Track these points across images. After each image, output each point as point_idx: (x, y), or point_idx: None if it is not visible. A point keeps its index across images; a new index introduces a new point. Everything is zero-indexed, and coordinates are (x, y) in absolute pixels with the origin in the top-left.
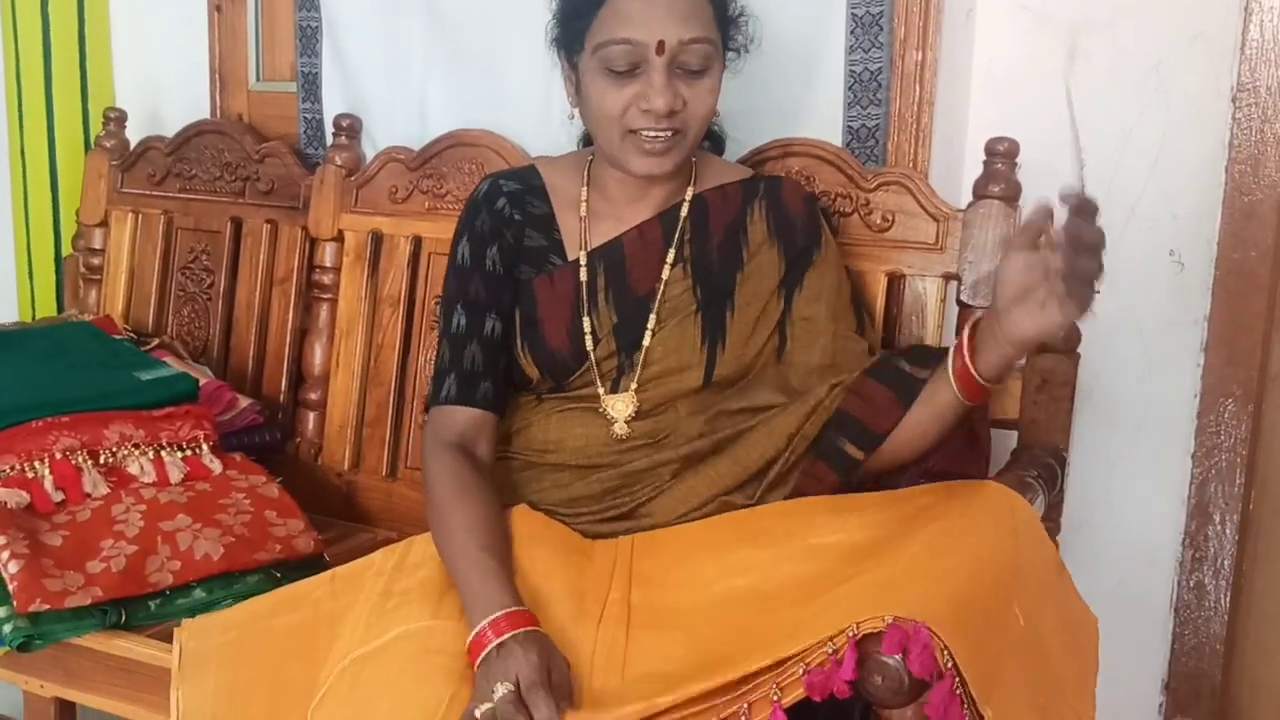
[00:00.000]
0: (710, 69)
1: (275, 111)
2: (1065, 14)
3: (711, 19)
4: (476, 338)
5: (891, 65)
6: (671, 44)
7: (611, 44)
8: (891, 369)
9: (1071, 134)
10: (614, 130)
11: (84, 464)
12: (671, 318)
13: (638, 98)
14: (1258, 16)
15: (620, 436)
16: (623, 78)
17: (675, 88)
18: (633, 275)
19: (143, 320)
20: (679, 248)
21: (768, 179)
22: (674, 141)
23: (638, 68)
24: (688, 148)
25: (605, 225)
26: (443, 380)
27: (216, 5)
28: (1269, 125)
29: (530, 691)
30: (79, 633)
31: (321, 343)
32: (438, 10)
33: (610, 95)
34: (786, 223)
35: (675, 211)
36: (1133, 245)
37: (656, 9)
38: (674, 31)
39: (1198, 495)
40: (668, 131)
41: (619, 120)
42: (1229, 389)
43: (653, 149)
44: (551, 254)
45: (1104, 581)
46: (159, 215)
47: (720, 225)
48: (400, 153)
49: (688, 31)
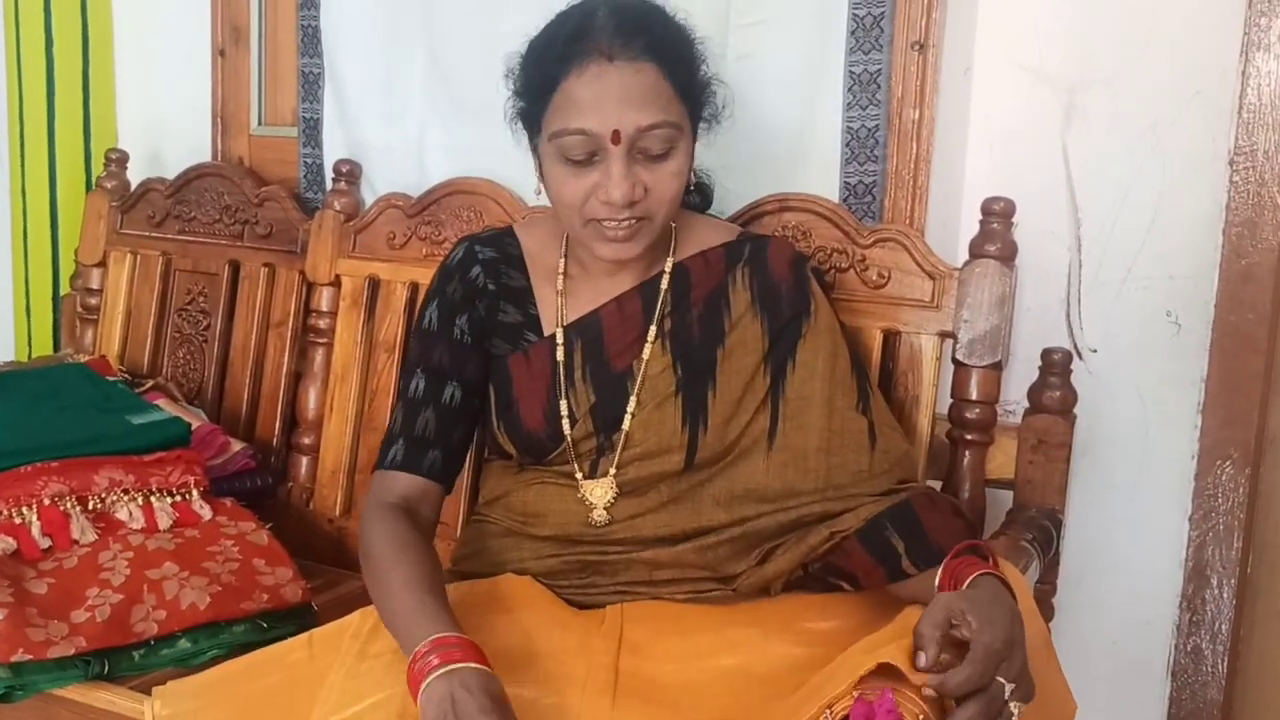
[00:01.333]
0: (674, 150)
1: (276, 156)
2: (1063, 73)
3: (673, 98)
4: (433, 404)
5: (889, 122)
6: (628, 132)
7: (565, 134)
8: (881, 542)
9: (1068, 193)
10: (575, 218)
11: (72, 510)
12: (651, 399)
13: (596, 188)
14: (1255, 80)
15: (597, 523)
16: (580, 166)
17: (635, 175)
18: (611, 351)
19: (138, 361)
20: (659, 322)
21: (754, 240)
22: (638, 227)
23: (595, 155)
24: (655, 229)
25: (583, 296)
26: (391, 445)
27: (220, 49)
28: (1265, 189)
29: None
30: (62, 683)
31: (316, 387)
32: (439, 59)
33: (569, 185)
34: (771, 291)
35: (656, 282)
36: (1129, 305)
37: (610, 97)
38: (630, 119)
39: (1195, 558)
40: (630, 220)
41: (579, 209)
42: (1226, 451)
43: (615, 237)
44: (527, 330)
45: (1100, 643)
46: (157, 256)
47: (701, 295)
48: (399, 199)
49: (645, 118)
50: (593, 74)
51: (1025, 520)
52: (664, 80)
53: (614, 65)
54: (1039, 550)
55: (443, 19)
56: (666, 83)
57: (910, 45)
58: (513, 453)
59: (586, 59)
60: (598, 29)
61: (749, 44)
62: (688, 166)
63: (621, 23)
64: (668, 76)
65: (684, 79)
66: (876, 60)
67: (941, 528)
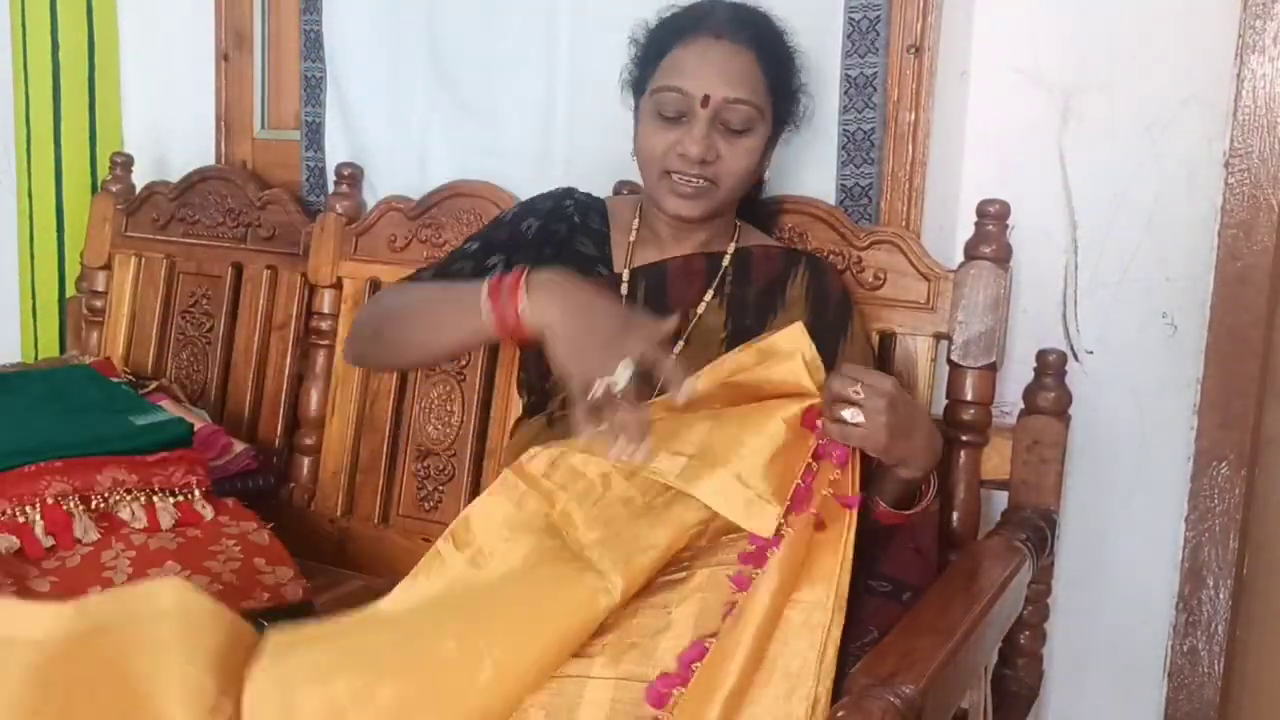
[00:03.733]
0: (752, 130)
1: (279, 159)
2: (1058, 76)
3: (761, 86)
4: (475, 262)
5: (885, 125)
6: (715, 99)
7: (664, 90)
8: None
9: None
10: (654, 169)
11: (75, 509)
12: (699, 340)
13: (677, 143)
14: (1250, 84)
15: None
16: (669, 123)
17: (712, 140)
18: (672, 295)
19: (142, 363)
20: (720, 286)
21: (810, 256)
22: (704, 189)
23: (684, 116)
24: (720, 199)
25: (650, 252)
26: (420, 272)
27: (224, 54)
28: (1261, 191)
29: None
30: None
31: (318, 388)
32: (440, 62)
33: (655, 136)
34: (823, 300)
35: (719, 258)
36: (1125, 307)
37: (709, 66)
38: (720, 89)
39: (1191, 559)
40: (698, 179)
41: (659, 160)
42: (1222, 453)
43: (683, 192)
44: (599, 264)
45: (1097, 644)
46: (161, 259)
47: (762, 276)
48: (400, 202)
49: (733, 91)
50: (700, 46)
51: (1020, 521)
52: (758, 68)
53: (719, 43)
54: (1033, 551)
55: (444, 23)
56: (760, 72)
57: (906, 48)
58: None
59: (698, 34)
60: (715, 15)
61: None
62: (760, 151)
63: (736, 14)
64: (762, 67)
65: (777, 75)
66: (873, 63)
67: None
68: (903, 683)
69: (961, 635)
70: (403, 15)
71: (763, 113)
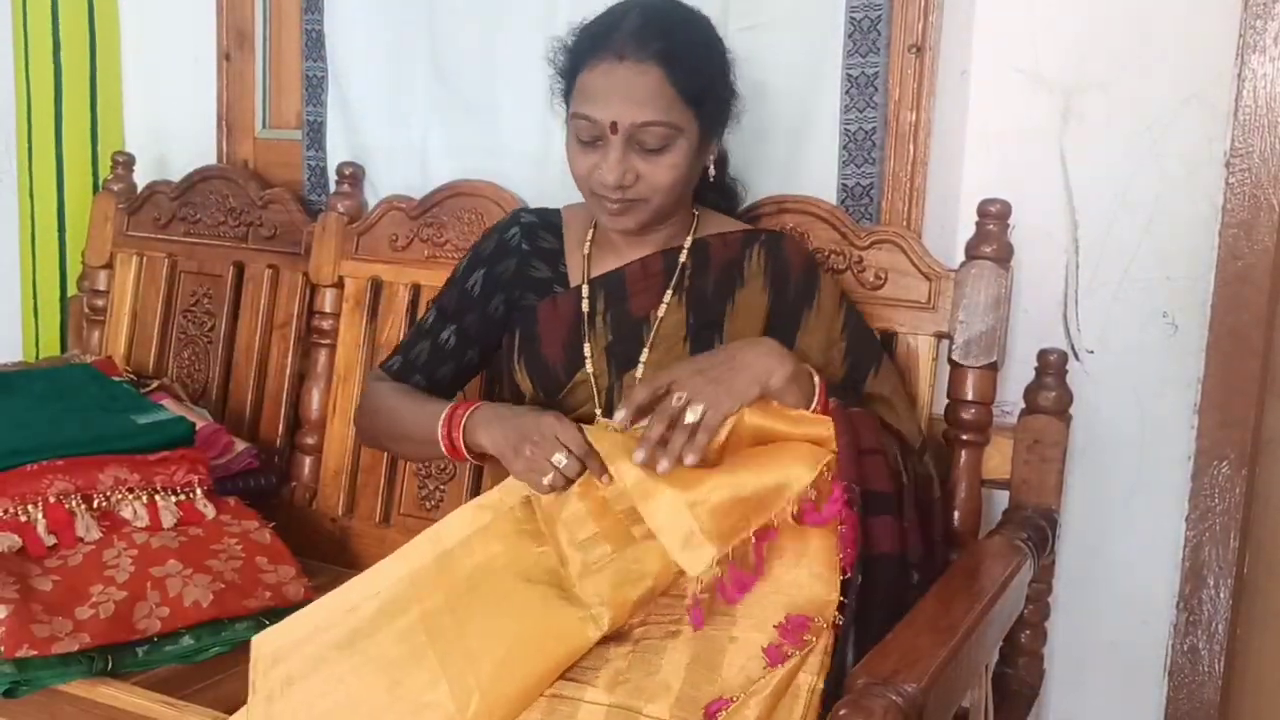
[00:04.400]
0: (670, 146)
1: (280, 158)
2: (1060, 76)
3: (675, 102)
4: (431, 340)
5: (886, 125)
6: (624, 125)
7: (577, 117)
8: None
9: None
10: (584, 189)
11: (77, 508)
12: (664, 344)
13: (595, 167)
14: (1250, 83)
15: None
16: (587, 146)
17: (629, 163)
18: (632, 301)
19: (144, 362)
20: (679, 284)
21: (770, 232)
22: (632, 206)
23: (599, 140)
24: (654, 208)
25: (608, 259)
26: (393, 355)
27: (225, 54)
28: (1261, 191)
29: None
30: (65, 679)
31: (319, 388)
32: (441, 63)
33: (578, 160)
34: (781, 275)
35: (676, 254)
36: (1126, 306)
37: (615, 92)
38: (628, 114)
39: (1192, 558)
40: (622, 201)
41: (585, 181)
42: (1223, 452)
43: (612, 210)
44: (556, 284)
45: (1097, 643)
46: (163, 258)
47: (719, 264)
48: (401, 202)
49: (641, 115)
50: (604, 70)
51: (1021, 520)
52: (668, 85)
53: (623, 64)
54: (1034, 550)
55: (445, 23)
56: (671, 88)
57: (907, 48)
58: (529, 391)
59: (603, 56)
60: (621, 30)
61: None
62: (687, 161)
63: (642, 26)
64: (672, 82)
65: (692, 85)
66: (874, 63)
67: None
68: (904, 681)
69: (963, 634)
70: (404, 15)
71: (680, 128)
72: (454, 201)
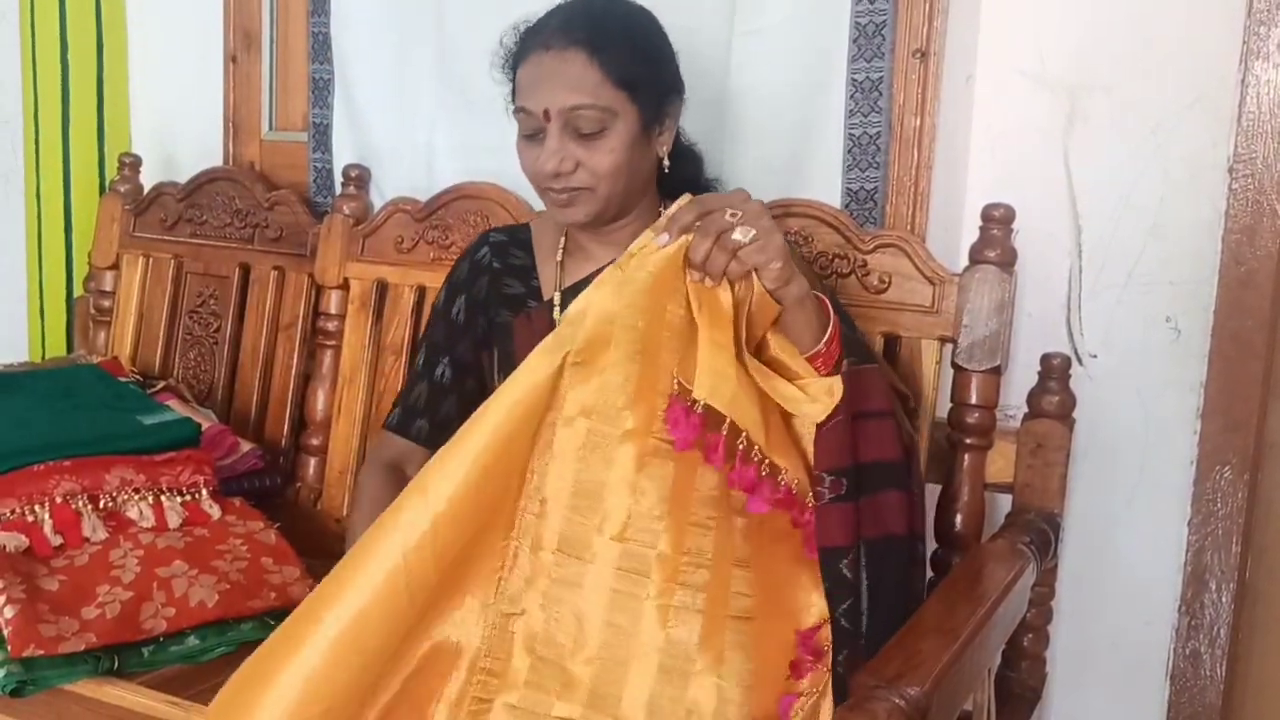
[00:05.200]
0: (607, 129)
1: (286, 160)
2: (1064, 80)
3: (604, 84)
4: (427, 379)
5: (890, 129)
6: (555, 111)
7: (517, 112)
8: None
9: (1069, 199)
10: (536, 187)
11: (84, 508)
12: None
13: (536, 158)
14: (1254, 89)
15: None
16: (531, 141)
17: (567, 150)
18: None
19: (150, 362)
20: None
21: None
22: (578, 195)
23: (539, 131)
24: (603, 197)
25: (578, 265)
26: (394, 408)
27: (232, 55)
28: (1264, 196)
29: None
30: (72, 679)
31: (324, 389)
32: (448, 65)
33: (525, 156)
34: None
35: None
36: (1129, 310)
37: (543, 80)
38: (558, 99)
39: (1194, 562)
40: (567, 190)
41: (534, 179)
42: (1226, 456)
43: (559, 201)
44: (530, 299)
45: (1100, 647)
46: (169, 259)
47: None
48: (407, 204)
49: (570, 99)
50: (534, 61)
51: (1024, 524)
52: (595, 68)
53: (549, 54)
54: (1037, 554)
55: (452, 25)
56: (599, 70)
57: (912, 53)
58: None
59: (533, 49)
60: (549, 24)
61: (752, 51)
62: (627, 146)
63: (568, 18)
64: (600, 65)
65: (620, 70)
66: (878, 68)
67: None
68: (908, 684)
69: (966, 637)
70: (410, 17)
71: (614, 109)
72: (460, 204)
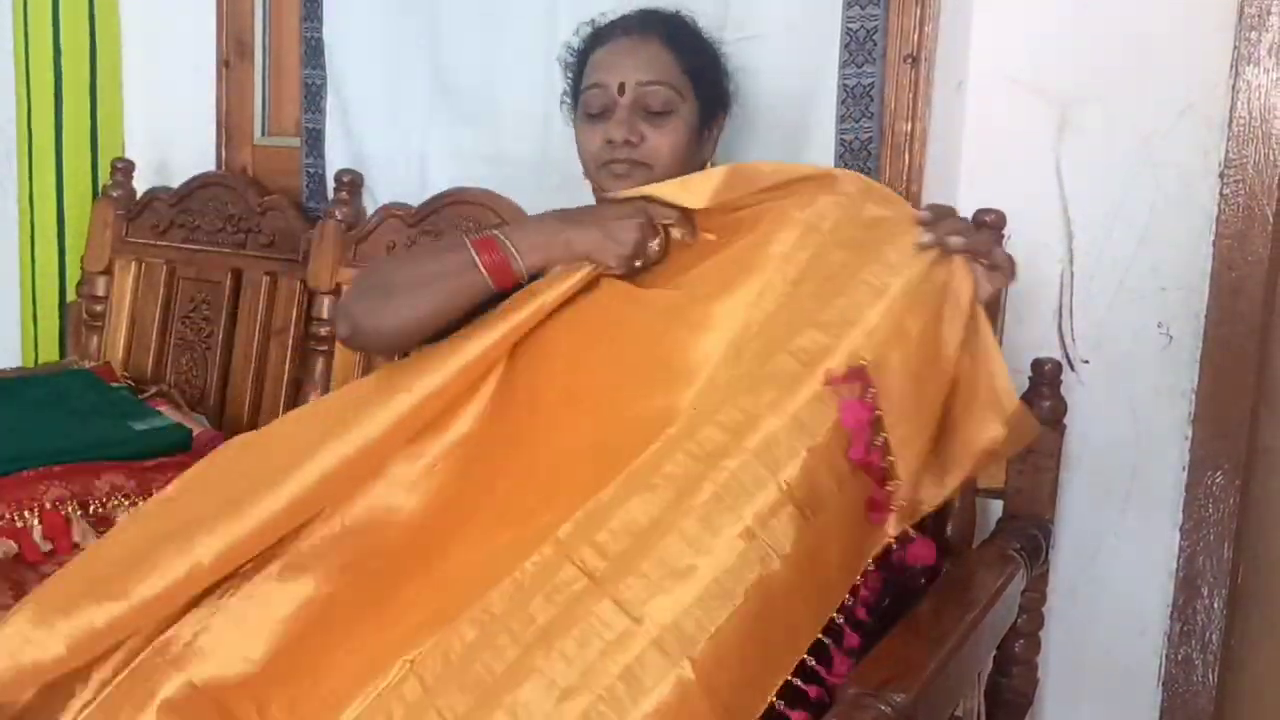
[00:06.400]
0: (673, 111)
1: (279, 165)
2: (1055, 86)
3: (674, 68)
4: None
5: (882, 135)
6: (630, 85)
7: (587, 90)
8: None
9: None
10: (593, 166)
11: (73, 514)
12: None
13: (605, 133)
14: (1245, 95)
15: None
16: (596, 120)
17: (635, 124)
18: None
19: (142, 368)
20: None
21: None
22: (636, 169)
23: (607, 109)
24: (657, 179)
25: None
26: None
27: (225, 61)
28: (1255, 202)
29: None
30: None
31: (317, 394)
32: (441, 70)
33: (587, 134)
34: None
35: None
36: (1121, 316)
37: (619, 58)
38: (633, 74)
39: (1186, 568)
40: (629, 161)
41: (595, 156)
42: (1217, 462)
43: (619, 172)
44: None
45: (1092, 653)
46: (161, 265)
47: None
48: (399, 209)
49: (645, 75)
50: (611, 45)
51: (1014, 530)
52: (668, 53)
53: (628, 37)
54: (1027, 560)
55: (445, 31)
56: (671, 56)
57: (903, 58)
58: None
59: (610, 36)
60: (626, 19)
61: (744, 58)
62: (687, 131)
63: (644, 14)
64: (672, 51)
65: (690, 58)
66: (870, 73)
67: None
68: (894, 691)
69: (954, 644)
70: (404, 23)
71: (681, 93)
72: (452, 209)
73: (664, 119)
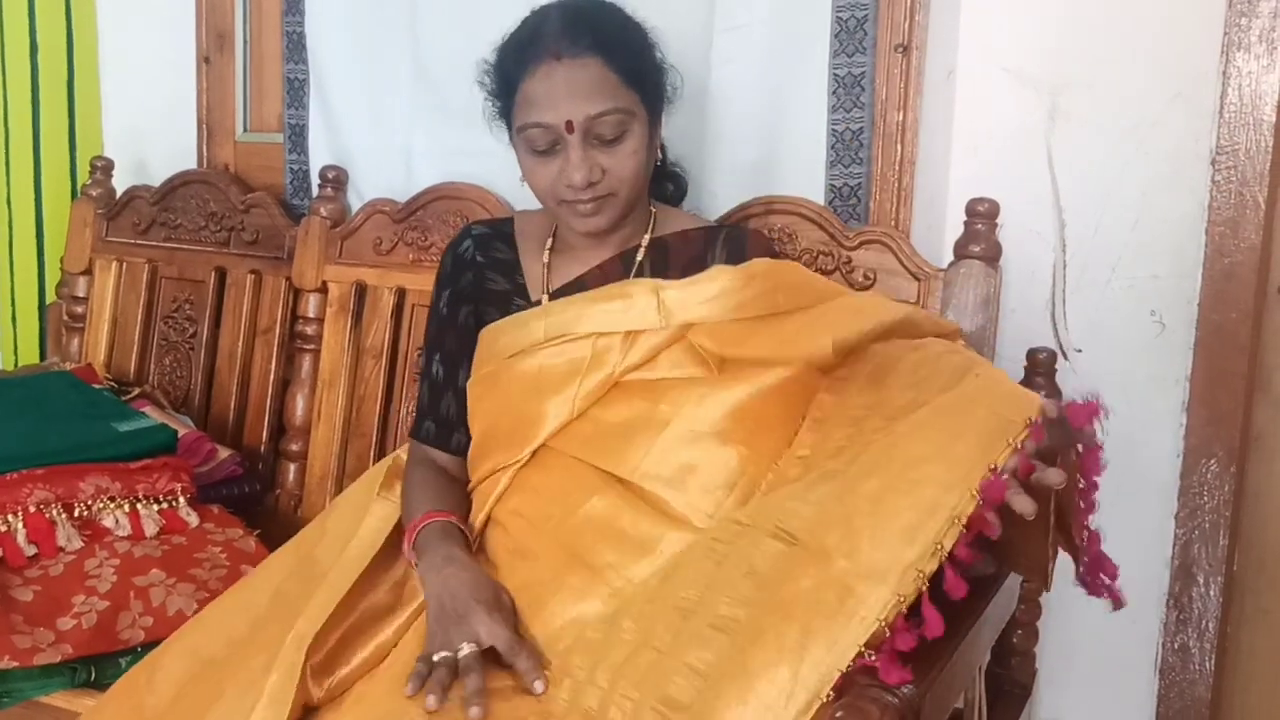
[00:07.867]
0: (628, 132)
1: (261, 162)
2: (1046, 75)
3: (619, 86)
4: (452, 389)
5: (873, 125)
6: (579, 121)
7: (527, 128)
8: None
9: (1053, 194)
10: (549, 201)
11: (58, 517)
12: None
13: (560, 173)
14: (1235, 81)
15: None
16: (545, 155)
17: (592, 159)
18: None
19: (124, 369)
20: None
21: (730, 227)
22: (604, 203)
23: (556, 144)
24: (624, 202)
25: (568, 266)
26: (423, 421)
27: (205, 56)
28: (1247, 188)
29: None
30: (47, 691)
31: (304, 393)
32: (424, 65)
33: (538, 172)
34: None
35: (634, 253)
36: (1113, 305)
37: (559, 91)
38: (580, 109)
39: (1181, 556)
40: (593, 199)
41: (551, 193)
42: (1211, 449)
43: (585, 212)
44: (516, 297)
45: (1088, 642)
46: (143, 264)
47: (679, 264)
48: (385, 205)
49: (593, 107)
50: (544, 73)
51: None
52: (609, 71)
53: (561, 63)
54: None
55: (427, 25)
56: (612, 73)
57: (894, 48)
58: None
59: (539, 60)
60: (547, 32)
61: (732, 48)
62: (644, 145)
63: (567, 23)
64: (613, 68)
65: (631, 67)
66: (860, 63)
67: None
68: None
69: (959, 635)
70: (385, 17)
71: (631, 112)
72: (438, 204)
73: (619, 143)
